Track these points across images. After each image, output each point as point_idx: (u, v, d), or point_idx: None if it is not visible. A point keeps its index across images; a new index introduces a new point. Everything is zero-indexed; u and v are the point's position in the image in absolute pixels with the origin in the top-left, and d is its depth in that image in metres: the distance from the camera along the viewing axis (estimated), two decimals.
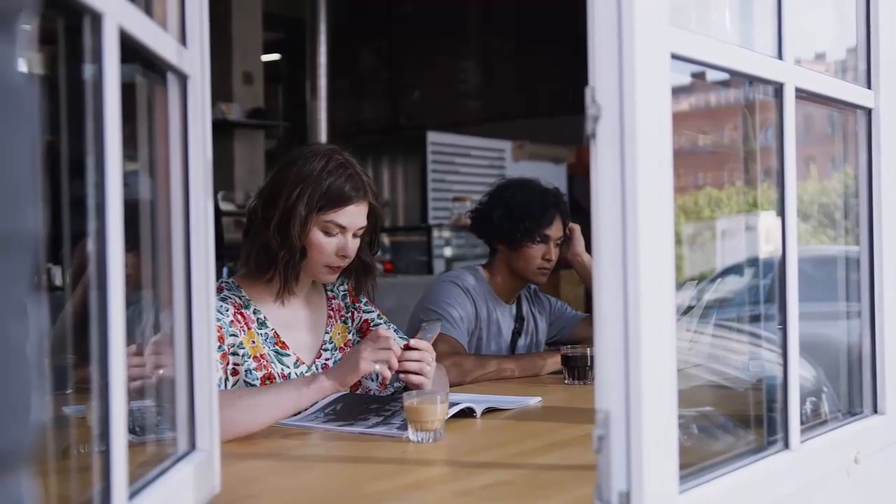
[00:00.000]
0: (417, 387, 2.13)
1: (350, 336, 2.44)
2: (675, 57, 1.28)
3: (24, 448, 0.60)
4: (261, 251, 2.25)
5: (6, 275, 0.58)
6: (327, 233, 2.25)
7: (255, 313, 2.27)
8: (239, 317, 2.22)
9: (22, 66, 0.61)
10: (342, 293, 2.49)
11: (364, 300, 2.52)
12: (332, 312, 2.43)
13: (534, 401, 2.39)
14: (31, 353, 0.60)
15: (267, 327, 2.27)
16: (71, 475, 1.26)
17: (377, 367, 2.05)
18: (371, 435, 1.94)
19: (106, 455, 1.03)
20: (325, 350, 2.37)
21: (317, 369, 2.31)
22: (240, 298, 2.26)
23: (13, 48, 0.59)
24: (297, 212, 2.20)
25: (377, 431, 1.96)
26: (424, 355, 2.16)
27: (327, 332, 2.40)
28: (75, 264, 1.40)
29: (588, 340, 3.03)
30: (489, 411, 2.21)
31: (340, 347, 2.40)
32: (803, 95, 1.62)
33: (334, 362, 2.34)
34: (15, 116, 0.59)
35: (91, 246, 1.03)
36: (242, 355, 2.19)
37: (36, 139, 0.62)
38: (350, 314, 2.48)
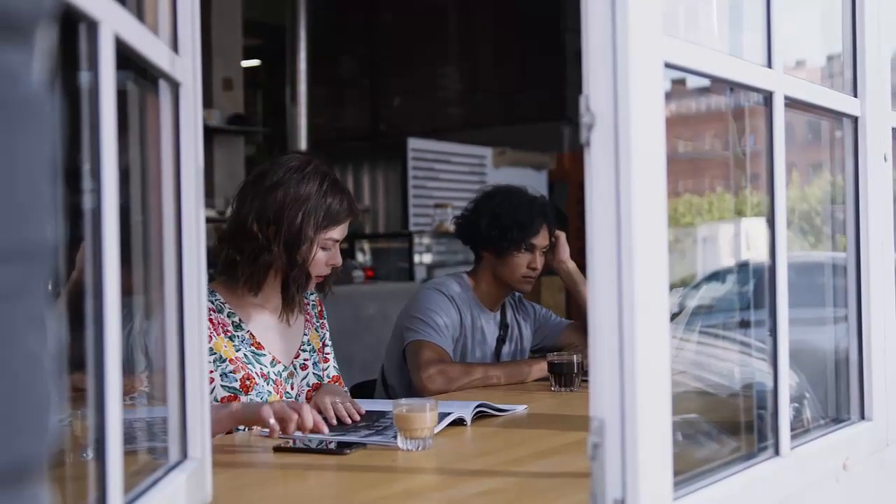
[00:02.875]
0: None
1: (321, 343, 2.52)
2: (668, 66, 1.29)
3: (42, 459, 0.60)
4: (264, 271, 2.29)
5: (25, 286, 0.58)
6: (324, 248, 2.33)
7: (229, 317, 2.31)
8: (208, 323, 2.21)
9: (39, 77, 0.61)
10: (312, 302, 2.55)
11: (321, 321, 2.57)
12: (308, 316, 2.50)
13: (520, 408, 2.39)
14: (49, 364, 0.60)
15: (243, 329, 2.32)
16: (61, 484, 1.25)
17: (272, 421, 1.95)
18: (366, 444, 1.93)
19: (101, 464, 1.02)
20: (304, 350, 2.44)
21: (294, 369, 2.39)
22: (213, 303, 2.28)
23: (31, 58, 0.59)
24: (306, 235, 2.27)
25: (373, 440, 1.96)
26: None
27: (305, 334, 2.47)
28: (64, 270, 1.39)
29: (573, 347, 3.04)
30: (479, 417, 2.22)
31: (318, 349, 2.48)
32: (791, 103, 1.63)
33: (313, 363, 2.44)
34: (34, 127, 0.59)
35: (87, 254, 1.02)
36: (214, 360, 2.22)
37: (54, 150, 0.62)
38: (321, 323, 2.56)
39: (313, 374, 2.43)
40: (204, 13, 1.46)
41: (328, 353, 2.55)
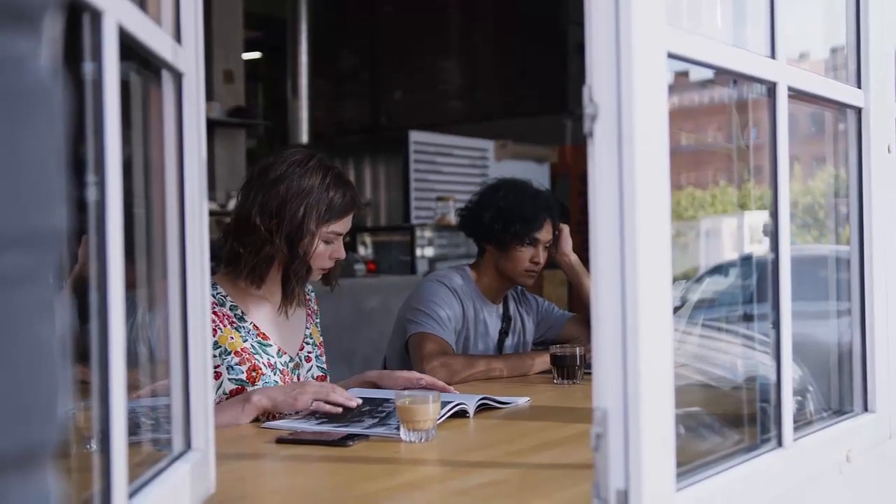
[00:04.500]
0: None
1: (321, 338, 2.55)
2: (671, 56, 1.28)
3: (51, 445, 0.60)
4: (266, 263, 2.31)
5: (34, 273, 0.58)
6: (327, 242, 2.34)
7: (231, 309, 2.33)
8: (213, 316, 2.24)
9: (47, 64, 0.61)
10: (312, 298, 2.58)
11: (318, 319, 2.60)
12: (309, 311, 2.53)
13: (523, 400, 2.39)
14: (58, 351, 0.60)
15: (246, 321, 2.33)
16: (66, 475, 1.25)
17: (313, 405, 2.12)
18: (368, 435, 1.93)
19: (106, 455, 1.02)
20: (307, 343, 2.47)
21: (300, 360, 2.42)
22: (214, 296, 2.29)
23: (39, 46, 0.59)
24: (307, 228, 2.29)
25: (376, 432, 1.96)
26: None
27: (307, 328, 2.49)
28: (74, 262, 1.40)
29: (575, 340, 3.04)
30: (482, 409, 2.22)
31: (318, 344, 2.51)
32: (795, 95, 1.63)
33: (315, 356, 2.47)
34: (42, 115, 0.59)
35: (91, 245, 1.02)
36: (219, 354, 2.24)
37: (62, 136, 0.62)
38: (319, 320, 2.58)
39: (317, 366, 2.47)
40: (205, 5, 1.46)
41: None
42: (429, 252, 7.59)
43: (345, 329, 5.73)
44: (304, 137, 9.12)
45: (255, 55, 10.71)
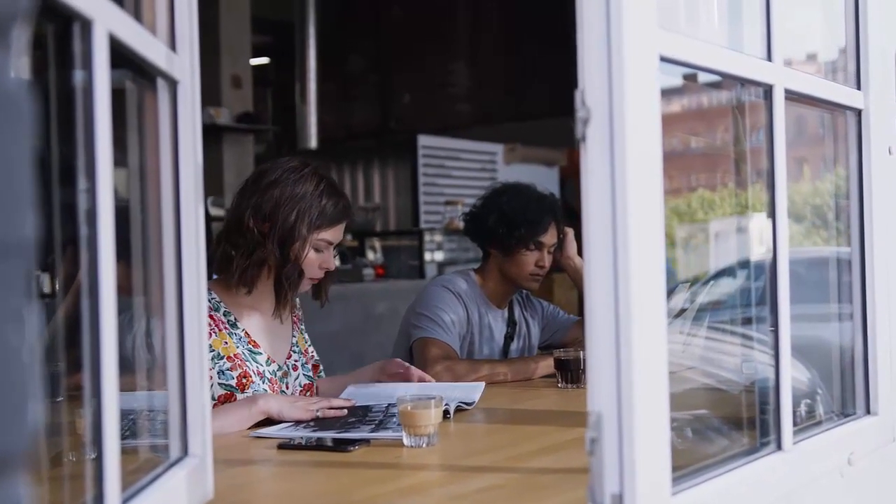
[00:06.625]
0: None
1: (307, 346, 2.57)
2: (664, 59, 1.28)
3: (21, 452, 0.60)
4: (257, 267, 2.32)
5: (4, 281, 0.58)
6: (317, 250, 2.37)
7: (225, 315, 2.35)
8: (209, 320, 2.27)
9: (17, 73, 0.61)
10: (298, 307, 2.61)
11: (303, 325, 2.62)
12: (295, 319, 2.55)
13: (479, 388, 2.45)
14: (28, 358, 0.60)
15: (238, 328, 2.36)
16: (60, 482, 1.26)
17: (320, 413, 2.19)
18: (370, 440, 1.93)
19: (99, 462, 1.03)
20: (294, 352, 2.50)
21: (287, 368, 2.45)
22: (209, 302, 2.30)
23: (8, 55, 0.59)
24: (299, 233, 2.31)
25: (380, 435, 1.96)
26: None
27: (294, 336, 2.52)
28: (67, 270, 1.40)
29: (581, 344, 3.03)
30: (459, 410, 2.27)
31: (304, 352, 2.53)
32: (793, 97, 1.62)
33: (301, 364, 2.50)
34: (11, 123, 0.59)
35: (82, 253, 1.03)
36: (212, 358, 2.26)
37: (32, 145, 0.62)
38: (303, 326, 2.60)
39: (303, 375, 2.50)
40: (212, 10, 1.47)
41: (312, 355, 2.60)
42: (438, 256, 7.58)
43: (354, 333, 5.73)
44: (313, 142, 9.12)
45: (263, 60, 10.71)
